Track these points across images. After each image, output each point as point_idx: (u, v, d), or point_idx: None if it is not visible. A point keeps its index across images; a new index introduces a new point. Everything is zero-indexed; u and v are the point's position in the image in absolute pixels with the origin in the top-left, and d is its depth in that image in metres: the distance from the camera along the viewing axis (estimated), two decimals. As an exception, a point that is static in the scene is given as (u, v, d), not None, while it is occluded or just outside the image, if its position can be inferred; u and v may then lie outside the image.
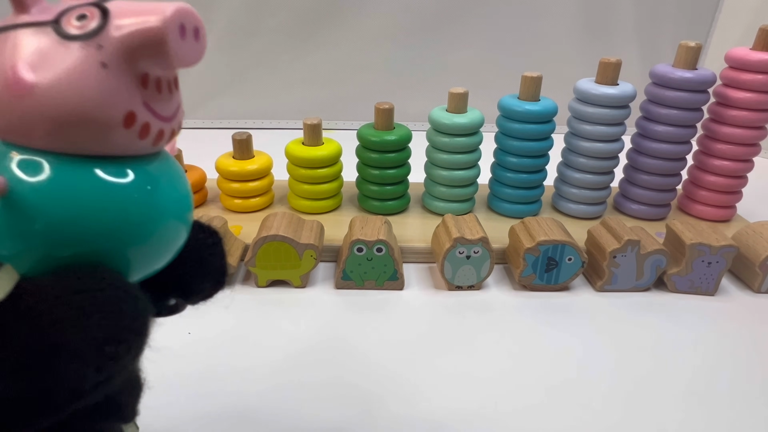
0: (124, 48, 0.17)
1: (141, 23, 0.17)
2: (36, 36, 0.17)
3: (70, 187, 0.18)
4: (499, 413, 0.37)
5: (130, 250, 0.19)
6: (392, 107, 0.58)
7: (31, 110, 0.17)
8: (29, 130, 0.18)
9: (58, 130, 0.18)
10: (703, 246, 0.49)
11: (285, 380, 0.40)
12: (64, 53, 0.17)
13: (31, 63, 0.17)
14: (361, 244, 0.49)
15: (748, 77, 0.56)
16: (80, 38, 0.17)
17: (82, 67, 0.17)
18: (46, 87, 0.17)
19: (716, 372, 0.42)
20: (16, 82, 0.17)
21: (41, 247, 0.18)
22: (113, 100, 0.18)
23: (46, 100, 0.17)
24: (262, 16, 0.91)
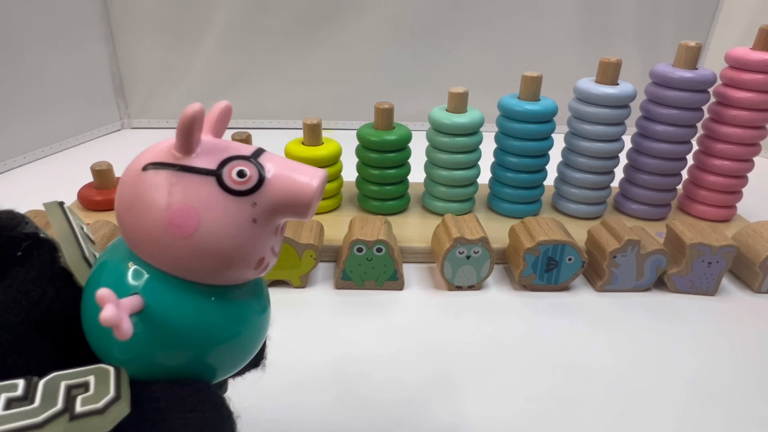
0: (274, 209, 0.20)
1: (295, 192, 0.20)
2: (200, 184, 0.19)
3: (182, 305, 0.20)
4: (499, 413, 0.37)
5: (218, 360, 0.22)
6: (392, 107, 0.58)
7: (180, 248, 0.19)
8: (169, 261, 0.20)
9: (200, 268, 0.20)
10: (704, 246, 0.49)
11: (284, 380, 0.39)
12: (223, 205, 0.19)
13: (196, 210, 0.19)
14: (360, 244, 0.49)
15: (748, 77, 0.56)
16: (240, 194, 0.20)
17: (237, 220, 0.20)
18: (204, 233, 0.19)
19: (716, 372, 0.42)
20: (181, 226, 0.19)
21: (152, 354, 0.20)
22: (255, 249, 0.20)
23: (200, 243, 0.19)
24: (262, 16, 0.91)
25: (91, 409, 0.17)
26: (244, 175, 0.20)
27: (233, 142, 0.21)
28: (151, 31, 0.90)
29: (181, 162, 0.20)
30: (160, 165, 0.20)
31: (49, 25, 0.79)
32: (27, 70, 0.78)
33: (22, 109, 0.78)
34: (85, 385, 0.18)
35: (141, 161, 0.20)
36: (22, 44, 0.76)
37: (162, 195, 0.19)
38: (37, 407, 0.17)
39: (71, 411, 0.17)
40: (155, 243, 0.20)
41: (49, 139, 0.83)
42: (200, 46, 0.92)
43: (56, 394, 0.18)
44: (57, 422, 0.17)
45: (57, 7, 0.80)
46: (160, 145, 0.21)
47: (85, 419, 0.17)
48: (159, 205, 0.19)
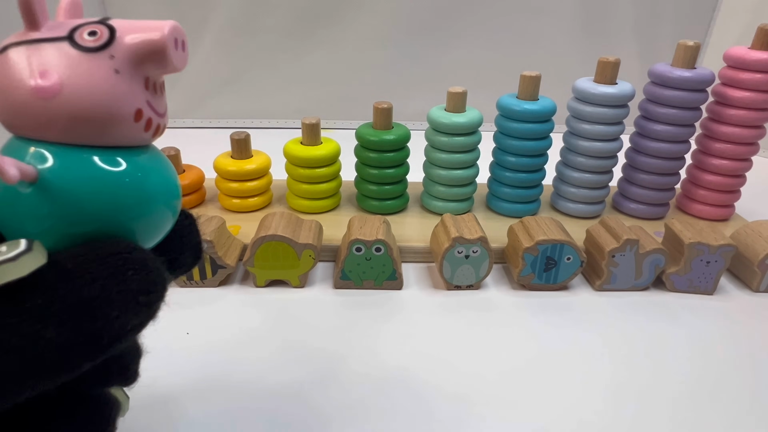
0: (132, 56, 0.22)
1: (146, 36, 0.22)
2: (55, 50, 0.21)
3: (78, 173, 0.21)
4: (498, 412, 0.37)
5: (125, 230, 0.22)
6: (391, 106, 0.58)
7: (53, 111, 0.20)
8: (48, 127, 0.21)
9: (75, 126, 0.21)
10: (702, 245, 0.49)
11: (284, 380, 0.39)
12: (82, 62, 0.21)
13: (56, 71, 0.21)
14: (359, 243, 0.48)
15: (746, 76, 0.56)
16: (95, 50, 0.21)
17: (98, 73, 0.21)
18: (70, 92, 0.20)
19: (715, 371, 0.42)
20: (43, 88, 0.20)
21: (59, 225, 0.21)
22: (125, 100, 0.22)
23: (68, 102, 0.20)
24: (260, 15, 0.91)
25: (3, 259, 0.18)
26: (95, 33, 0.22)
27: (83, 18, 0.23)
28: (149, 30, 0.90)
29: (33, 36, 0.22)
30: (15, 43, 0.21)
31: (47, 24, 0.79)
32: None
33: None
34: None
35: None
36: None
37: (22, 66, 0.21)
38: None
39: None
40: (29, 114, 0.21)
41: (47, 139, 0.83)
42: (198, 46, 0.92)
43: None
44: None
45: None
46: (16, 33, 0.22)
47: (6, 264, 0.18)
48: (22, 75, 0.21)
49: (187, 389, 0.38)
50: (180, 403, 0.37)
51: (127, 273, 0.21)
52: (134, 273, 0.21)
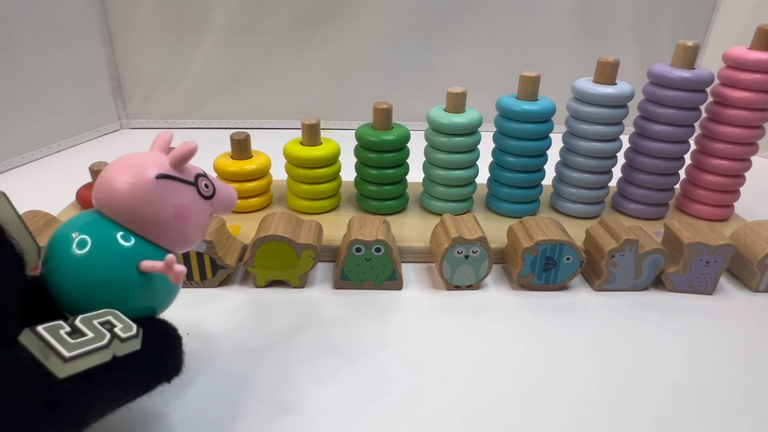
0: (217, 208, 0.35)
1: (230, 200, 0.36)
2: (189, 191, 0.32)
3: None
4: (498, 412, 0.37)
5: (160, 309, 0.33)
6: (390, 107, 0.58)
7: (179, 232, 0.32)
8: (169, 240, 0.32)
9: (184, 243, 0.33)
10: (701, 245, 0.49)
11: (283, 380, 0.40)
12: (201, 204, 0.33)
13: (190, 206, 0.32)
14: (359, 244, 0.49)
15: (745, 76, 0.56)
16: (207, 198, 0.34)
17: (206, 213, 0.34)
18: (193, 222, 0.32)
19: (714, 371, 0.42)
20: (184, 217, 0.32)
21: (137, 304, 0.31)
22: (205, 232, 0.35)
23: (190, 228, 0.32)
24: (260, 16, 0.91)
25: (130, 335, 0.27)
26: (208, 186, 0.34)
27: (189, 165, 0.33)
28: (149, 31, 0.90)
29: (176, 175, 0.32)
30: (167, 176, 0.31)
31: (48, 25, 0.79)
32: (26, 70, 0.78)
33: (20, 109, 0.78)
34: (109, 321, 0.27)
35: (148, 170, 0.31)
36: (21, 45, 0.76)
37: (172, 196, 0.31)
38: (94, 336, 0.26)
39: (119, 337, 0.27)
40: (164, 226, 0.31)
41: (47, 140, 0.83)
42: (198, 47, 0.92)
43: (97, 328, 0.26)
44: (114, 343, 0.26)
45: (55, 7, 0.80)
46: (155, 159, 0.31)
47: (128, 341, 0.27)
48: (171, 202, 0.31)
49: (187, 389, 0.38)
50: (180, 403, 0.37)
51: (178, 349, 0.32)
52: (178, 347, 0.32)
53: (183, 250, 0.33)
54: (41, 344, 0.24)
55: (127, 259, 0.30)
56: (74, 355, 0.24)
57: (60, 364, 0.24)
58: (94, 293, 0.29)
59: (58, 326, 0.25)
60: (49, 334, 0.25)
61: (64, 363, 0.24)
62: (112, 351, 0.26)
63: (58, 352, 0.24)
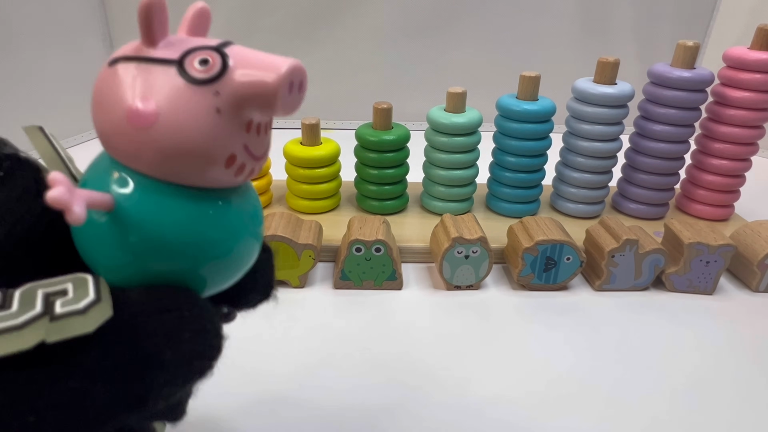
0: (238, 97, 0.19)
1: (258, 77, 0.19)
2: (161, 74, 0.19)
3: (163, 208, 0.19)
4: (498, 412, 0.37)
5: (209, 268, 0.21)
6: (390, 107, 0.58)
7: (145, 141, 0.19)
8: (139, 157, 0.19)
9: (166, 162, 0.19)
10: (702, 245, 0.49)
11: (283, 380, 0.39)
12: (185, 95, 0.19)
13: (156, 100, 0.19)
14: (359, 244, 0.49)
15: (746, 76, 0.56)
16: (201, 82, 0.19)
17: (199, 109, 0.19)
18: (164, 124, 0.18)
19: (714, 371, 0.42)
20: (139, 116, 0.18)
21: (136, 260, 0.19)
22: (221, 143, 0.19)
23: (161, 135, 0.19)
24: (259, 15, 0.91)
25: (71, 310, 0.17)
26: (206, 62, 0.19)
27: (205, 38, 0.21)
28: (149, 31, 0.90)
29: (144, 53, 0.19)
30: (126, 58, 0.19)
31: (48, 25, 0.79)
32: (25, 70, 0.77)
33: (20, 109, 0.78)
34: (64, 291, 0.18)
35: (111, 57, 0.20)
36: (21, 44, 0.76)
37: (126, 87, 0.19)
38: (15, 311, 0.17)
39: (51, 313, 0.17)
40: (121, 137, 0.19)
41: (47, 140, 0.83)
42: (198, 46, 0.92)
43: (34, 300, 0.17)
44: (37, 324, 0.17)
45: (55, 7, 0.80)
46: (134, 42, 0.20)
47: (66, 319, 0.17)
48: (123, 96, 0.19)
49: (187, 389, 0.38)
50: (180, 403, 0.37)
51: (184, 335, 0.19)
52: (191, 336, 0.19)
53: (197, 176, 0.20)
54: None
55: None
56: None
57: None
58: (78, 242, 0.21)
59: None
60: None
61: None
62: (34, 333, 0.17)
63: None
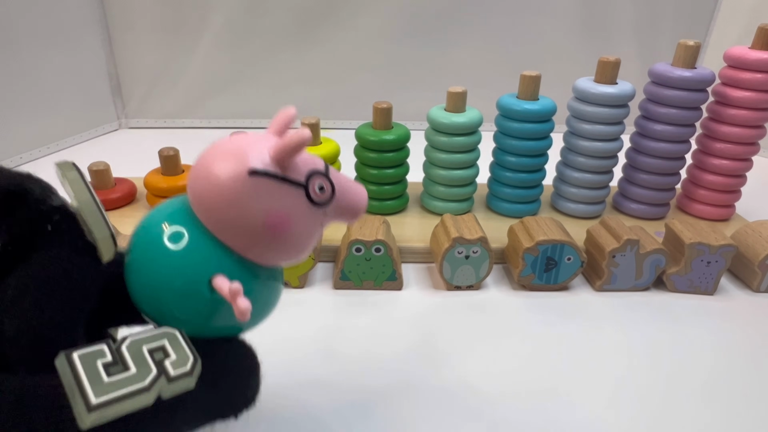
0: (336, 217, 0.26)
1: (353, 208, 0.26)
2: (292, 194, 0.24)
3: (260, 285, 0.26)
4: (498, 413, 0.37)
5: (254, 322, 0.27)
6: (390, 106, 0.58)
7: (271, 244, 0.24)
8: (257, 252, 0.24)
9: (277, 257, 0.25)
10: (703, 245, 0.49)
11: (283, 381, 0.39)
12: (307, 213, 0.24)
13: (289, 215, 0.24)
14: (359, 244, 0.48)
15: (747, 76, 0.56)
16: (319, 205, 0.25)
17: (313, 225, 0.25)
18: (291, 235, 0.24)
19: (715, 371, 0.42)
20: (277, 228, 0.24)
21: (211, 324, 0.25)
22: (314, 245, 0.26)
23: (286, 241, 0.24)
24: (259, 15, 0.91)
25: (182, 372, 0.21)
26: (324, 189, 0.25)
27: (305, 152, 0.25)
28: (148, 30, 0.90)
29: (277, 172, 0.23)
30: (264, 173, 0.23)
31: (47, 25, 0.79)
32: (24, 70, 0.77)
33: (19, 109, 0.78)
34: (163, 348, 0.21)
35: (243, 163, 0.23)
36: (20, 44, 0.76)
37: (266, 200, 0.23)
38: (135, 373, 0.20)
39: (167, 374, 0.21)
40: (250, 236, 0.24)
41: (46, 140, 0.83)
42: (197, 46, 0.92)
43: (144, 359, 0.21)
44: (157, 384, 0.20)
45: (54, 7, 0.80)
46: (258, 147, 0.24)
47: (179, 381, 0.21)
48: (262, 208, 0.23)
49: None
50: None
51: (253, 378, 0.27)
52: (254, 379, 0.27)
53: (279, 264, 0.26)
54: (71, 377, 0.19)
55: (193, 268, 0.24)
56: (103, 402, 0.19)
57: (84, 409, 0.18)
58: (163, 301, 0.24)
59: (98, 353, 0.20)
60: (83, 364, 0.19)
61: (88, 411, 0.18)
62: (156, 393, 0.20)
63: (86, 394, 0.19)
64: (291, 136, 0.23)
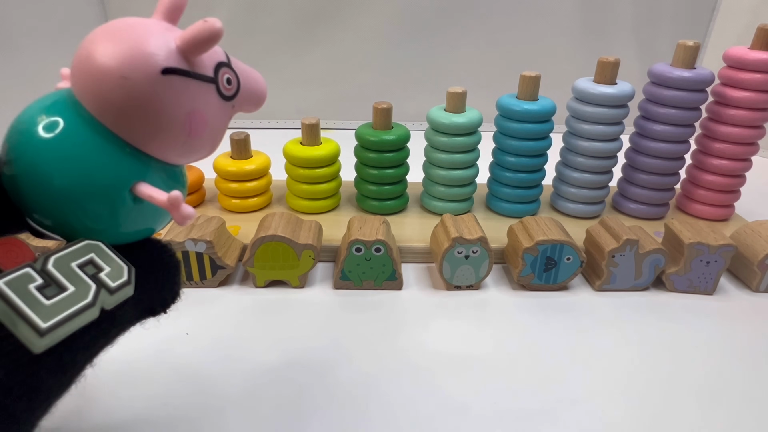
0: (243, 109, 0.26)
1: (257, 96, 0.26)
2: (205, 91, 0.23)
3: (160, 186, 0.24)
4: (498, 413, 0.37)
5: None
6: (390, 107, 0.58)
7: (186, 145, 0.23)
8: (168, 151, 0.24)
9: (190, 157, 0.25)
10: (702, 245, 0.49)
11: (283, 381, 0.39)
12: (220, 109, 0.24)
13: (205, 114, 0.23)
14: (359, 244, 0.48)
15: (746, 76, 0.56)
16: (229, 98, 0.24)
17: (225, 120, 0.25)
18: (207, 134, 0.24)
19: (715, 371, 0.42)
20: (197, 129, 0.23)
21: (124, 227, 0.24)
22: (221, 140, 0.26)
23: (200, 141, 0.24)
24: (259, 15, 0.91)
25: (121, 282, 0.21)
26: (231, 82, 0.24)
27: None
28: (149, 30, 0.90)
29: (189, 68, 0.22)
30: (178, 71, 0.22)
31: (47, 25, 0.79)
32: (25, 70, 0.77)
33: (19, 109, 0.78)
34: (92, 261, 0.21)
35: (152, 56, 0.21)
36: (20, 44, 0.76)
37: (183, 99, 0.22)
38: (74, 291, 0.20)
39: (106, 287, 0.21)
40: (166, 138, 0.22)
41: (46, 140, 0.83)
42: (198, 46, 0.92)
43: (77, 275, 0.20)
44: (100, 297, 0.21)
45: (55, 7, 0.80)
46: (160, 38, 0.22)
47: (119, 291, 0.21)
48: (180, 110, 0.22)
49: (186, 390, 0.38)
50: (179, 403, 0.37)
51: (179, 270, 0.27)
52: (174, 275, 0.27)
53: (188, 162, 0.26)
54: (6, 308, 0.18)
55: (114, 174, 0.22)
56: (52, 324, 0.19)
57: (34, 336, 0.18)
58: (65, 209, 0.22)
59: (26, 278, 0.19)
60: (16, 294, 0.19)
61: (39, 336, 0.18)
62: (100, 306, 0.20)
63: (32, 321, 0.18)
64: (202, 27, 0.22)
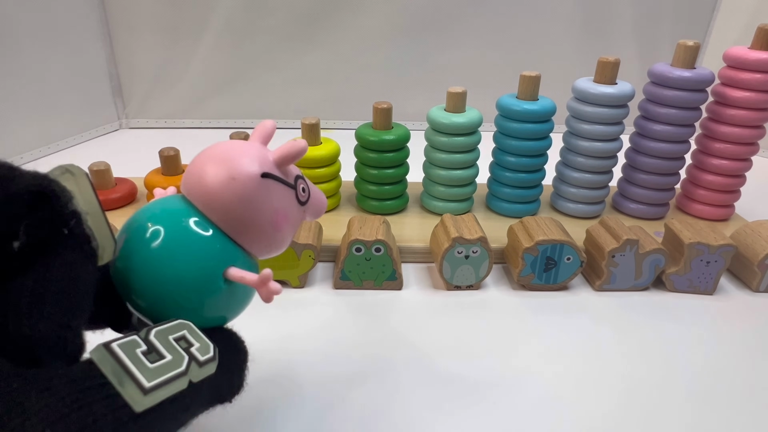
0: (308, 216, 0.31)
1: (321, 206, 0.32)
2: (288, 194, 0.28)
3: None
4: (498, 413, 0.37)
5: None
6: (390, 107, 0.58)
7: (271, 238, 0.28)
8: (256, 244, 0.28)
9: (272, 250, 0.29)
10: (702, 245, 0.49)
11: (282, 381, 0.39)
12: (296, 210, 0.29)
13: (287, 213, 0.28)
14: (359, 244, 0.48)
15: (746, 76, 0.56)
16: (302, 204, 0.29)
17: (298, 222, 0.30)
18: (287, 229, 0.28)
19: (715, 371, 0.42)
20: (280, 224, 0.28)
21: (217, 312, 0.28)
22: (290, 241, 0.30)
23: (281, 235, 0.28)
24: (260, 15, 0.91)
25: (208, 357, 0.23)
26: (305, 190, 0.29)
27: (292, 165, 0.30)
28: (148, 31, 0.90)
29: (280, 175, 0.27)
30: (272, 176, 0.27)
31: (47, 25, 0.79)
32: (25, 70, 0.77)
33: (20, 109, 0.78)
34: (184, 338, 0.23)
35: (252, 164, 0.26)
36: (20, 44, 0.76)
37: (273, 198, 0.27)
38: (172, 360, 0.22)
39: (197, 360, 0.22)
40: (258, 231, 0.27)
41: (47, 140, 0.83)
42: (198, 46, 0.92)
43: (174, 347, 0.22)
44: (192, 368, 0.22)
45: (55, 7, 0.80)
46: (259, 153, 0.27)
47: (206, 366, 0.23)
48: (271, 206, 0.27)
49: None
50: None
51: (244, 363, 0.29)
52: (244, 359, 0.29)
53: (266, 257, 0.29)
54: (116, 366, 0.20)
55: (214, 261, 0.26)
56: (154, 385, 0.20)
57: (138, 394, 0.20)
58: (167, 293, 0.25)
59: (134, 344, 0.21)
60: (125, 353, 0.21)
61: (143, 394, 0.20)
62: (189, 377, 0.22)
63: (137, 380, 0.20)
64: (293, 145, 0.27)
